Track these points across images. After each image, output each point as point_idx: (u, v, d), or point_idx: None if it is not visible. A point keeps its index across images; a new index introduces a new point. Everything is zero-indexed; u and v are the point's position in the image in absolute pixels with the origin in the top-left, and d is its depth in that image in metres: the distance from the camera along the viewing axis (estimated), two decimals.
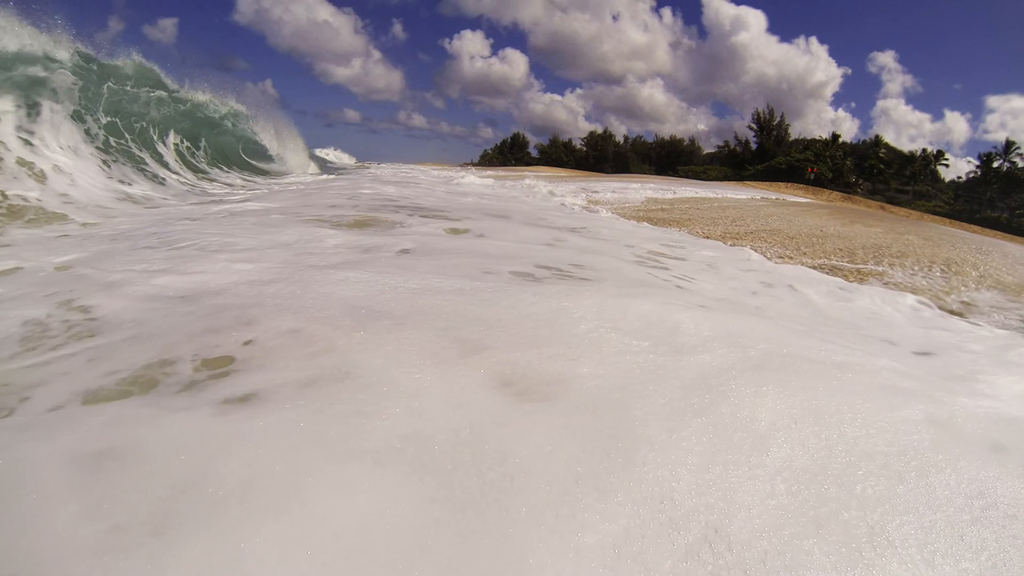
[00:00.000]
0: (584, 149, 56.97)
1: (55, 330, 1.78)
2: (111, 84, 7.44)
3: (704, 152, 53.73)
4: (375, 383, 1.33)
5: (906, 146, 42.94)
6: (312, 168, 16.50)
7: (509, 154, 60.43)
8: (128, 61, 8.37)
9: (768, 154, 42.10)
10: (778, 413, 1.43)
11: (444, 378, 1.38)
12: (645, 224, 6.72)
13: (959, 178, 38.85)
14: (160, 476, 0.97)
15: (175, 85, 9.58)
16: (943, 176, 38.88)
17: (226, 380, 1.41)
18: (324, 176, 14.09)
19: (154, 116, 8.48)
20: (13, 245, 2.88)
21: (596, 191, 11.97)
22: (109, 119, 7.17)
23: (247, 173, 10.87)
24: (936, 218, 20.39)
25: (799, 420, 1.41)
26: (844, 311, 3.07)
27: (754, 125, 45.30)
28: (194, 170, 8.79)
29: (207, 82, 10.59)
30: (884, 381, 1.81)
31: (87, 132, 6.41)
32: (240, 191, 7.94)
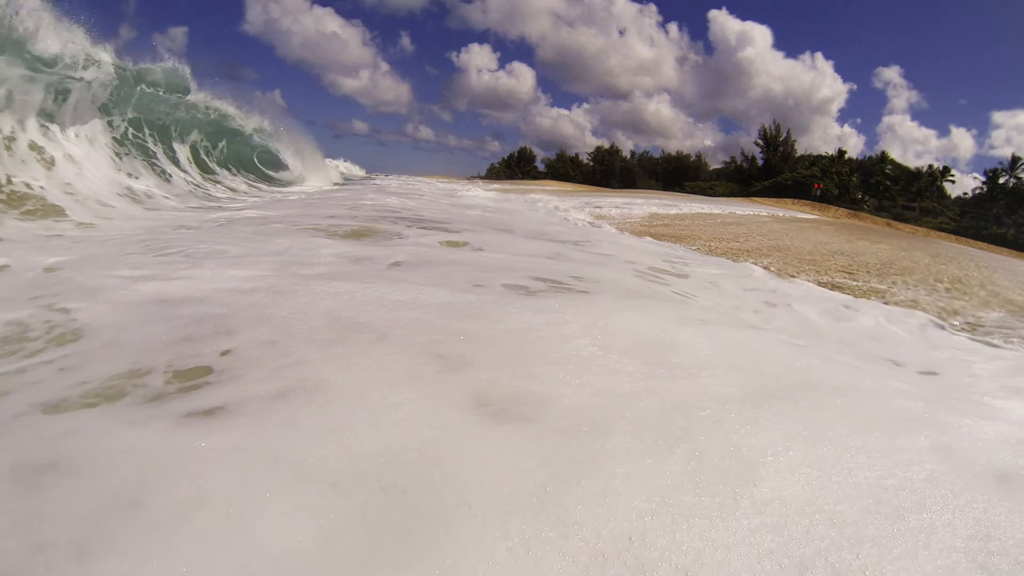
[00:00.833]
0: (591, 164, 57.23)
1: (35, 334, 1.75)
2: (144, 87, 7.61)
3: (711, 168, 53.76)
4: (345, 399, 1.28)
5: (912, 162, 42.76)
6: (329, 180, 16.44)
7: (516, 168, 60.82)
8: (159, 65, 8.49)
9: (775, 170, 42.01)
10: (770, 440, 1.36)
11: (418, 396, 1.32)
12: (648, 239, 6.66)
13: (965, 194, 38.53)
14: (99, 492, 0.92)
15: (204, 94, 9.78)
16: (949, 192, 38.59)
17: (195, 392, 1.37)
18: (330, 187, 14.15)
19: (179, 117, 8.66)
20: (6, 241, 2.88)
21: (601, 206, 11.96)
22: (135, 115, 7.33)
23: (255, 178, 10.96)
24: (942, 235, 20.17)
25: (792, 448, 1.34)
26: (848, 330, 2.98)
27: (760, 141, 45.29)
28: (204, 169, 8.91)
29: (230, 93, 10.78)
30: (887, 404, 1.73)
31: (110, 123, 6.50)
32: (243, 197, 8.00)
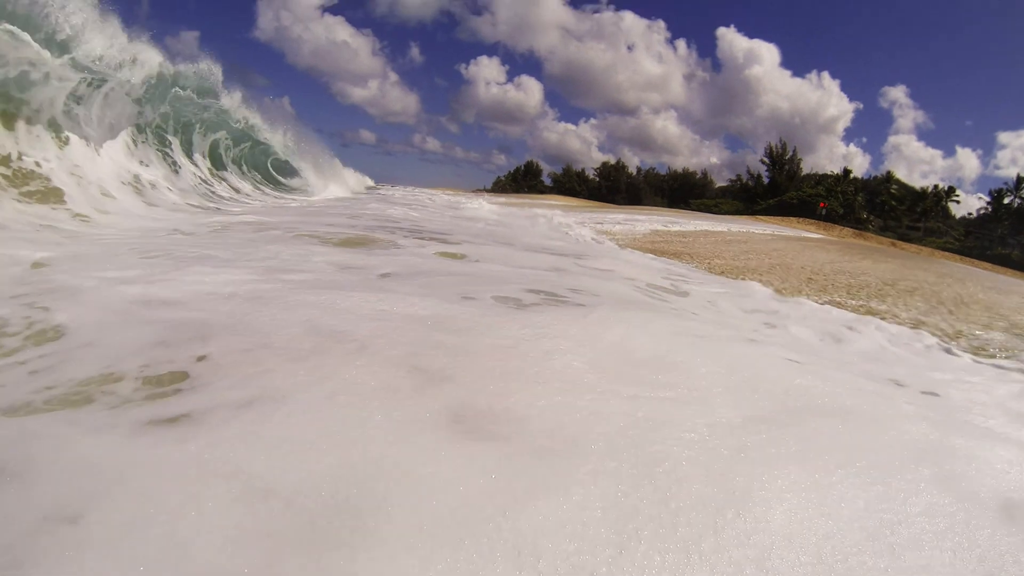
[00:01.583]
0: (597, 179, 57.45)
1: (13, 332, 1.72)
2: (178, 90, 7.82)
3: (716, 186, 53.82)
4: (313, 412, 1.23)
5: (918, 182, 42.68)
6: (349, 190, 16.31)
7: (522, 181, 61.14)
8: (193, 66, 8.66)
9: (780, 188, 41.97)
10: (757, 466, 1.29)
11: (390, 410, 1.27)
12: (649, 255, 6.61)
13: (970, 214, 38.37)
14: (40, 502, 0.88)
15: (232, 98, 10.00)
16: (954, 213, 38.48)
17: (163, 400, 1.33)
18: (351, 195, 14.13)
19: (206, 118, 8.85)
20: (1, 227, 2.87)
21: (604, 221, 11.96)
22: (166, 109, 7.55)
23: (261, 178, 11.04)
24: (947, 255, 20.01)
25: (780, 474, 1.27)
26: (849, 349, 2.91)
27: (766, 159, 45.36)
28: (216, 164, 9.02)
29: (257, 104, 11.02)
30: (885, 428, 1.65)
31: (140, 114, 6.63)
32: (245, 200, 8.03)
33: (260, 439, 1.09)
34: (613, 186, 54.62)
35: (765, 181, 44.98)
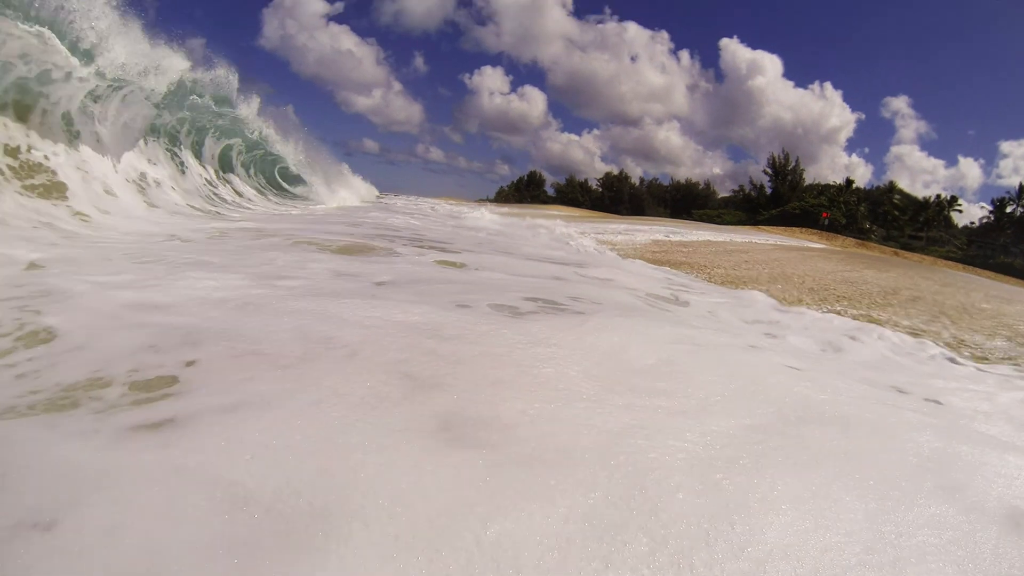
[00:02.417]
0: (600, 190, 57.62)
1: (3, 334, 1.71)
2: (195, 97, 7.96)
3: (719, 196, 53.85)
4: (298, 418, 1.21)
5: (920, 192, 42.40)
6: (359, 198, 16.14)
7: (526, 191, 61.36)
8: (210, 73, 8.80)
9: (783, 199, 41.96)
10: (753, 476, 1.26)
11: (376, 417, 1.25)
12: (650, 265, 6.59)
13: (972, 224, 38.20)
14: (14, 509, 0.87)
15: (248, 108, 10.18)
16: (956, 222, 38.35)
17: (148, 405, 1.31)
18: (361, 204, 14.05)
19: (221, 125, 9.00)
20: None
21: (606, 231, 11.96)
22: (184, 114, 7.67)
23: (267, 184, 11.10)
24: (950, 263, 19.92)
25: (777, 483, 1.24)
26: (851, 357, 2.87)
27: (769, 170, 45.39)
28: (224, 166, 9.08)
29: (272, 116, 11.18)
30: (887, 437, 1.61)
31: (157, 116, 6.72)
32: (248, 203, 8.06)
33: (242, 445, 1.07)
34: (616, 197, 54.74)
35: (768, 191, 44.99)
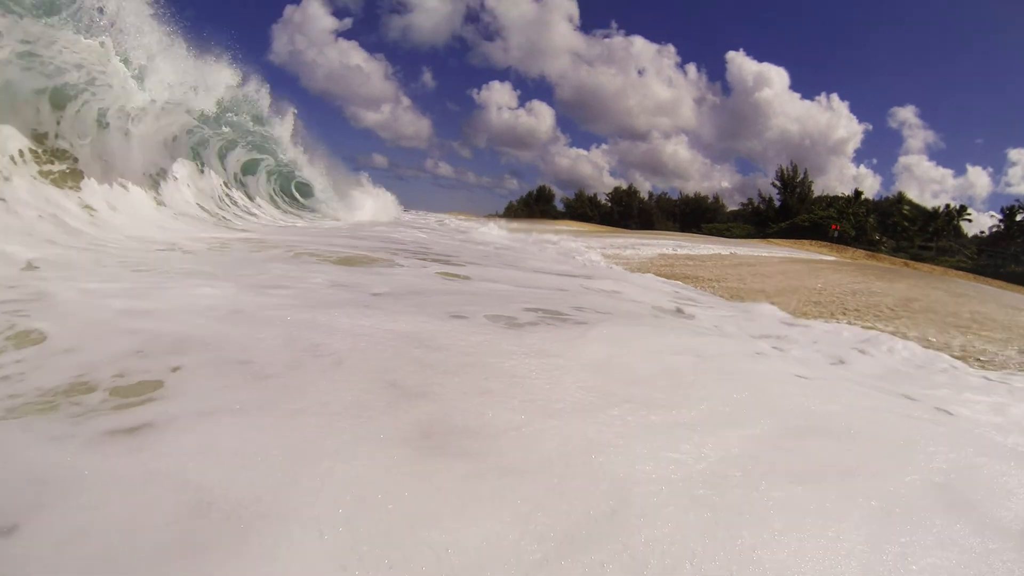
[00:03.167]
0: (609, 204, 57.73)
1: None
2: (232, 115, 8.25)
3: (728, 210, 53.63)
4: (276, 426, 1.19)
5: (929, 202, 41.81)
6: (389, 215, 15.99)
7: (535, 207, 61.65)
8: (243, 89, 9.09)
9: (791, 211, 41.64)
10: (747, 494, 1.19)
11: (356, 425, 1.22)
12: (658, 279, 6.53)
13: (982, 233, 37.53)
14: None
15: (281, 127, 10.44)
16: (966, 231, 37.75)
17: (129, 409, 1.29)
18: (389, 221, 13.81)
19: (252, 140, 9.28)
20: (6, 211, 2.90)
21: (614, 246, 11.94)
22: (225, 131, 7.98)
23: (280, 191, 11.24)
24: (960, 273, 19.53)
25: (772, 499, 1.17)
26: (862, 368, 2.78)
27: (778, 182, 45.11)
28: (245, 171, 9.27)
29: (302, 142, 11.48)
30: (895, 448, 1.53)
31: (198, 129, 6.94)
32: (259, 209, 8.15)
33: (214, 451, 1.05)
34: (625, 211, 54.78)
35: (776, 204, 44.71)
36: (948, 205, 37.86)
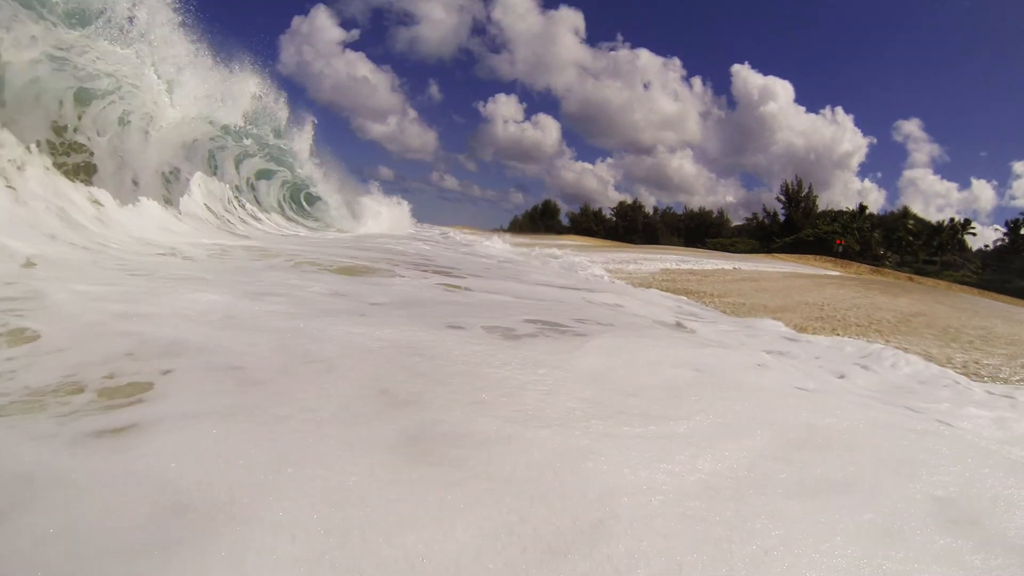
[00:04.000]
0: (614, 219, 57.87)
1: None
2: (252, 127, 8.50)
3: (732, 224, 53.56)
4: (260, 431, 1.18)
5: (934, 216, 41.50)
6: (404, 229, 15.68)
7: (540, 221, 61.89)
8: (261, 102, 9.28)
9: (796, 226, 41.51)
10: (743, 513, 1.16)
11: (343, 431, 1.20)
12: (660, 293, 6.50)
13: (987, 247, 37.21)
14: None
15: (299, 144, 10.69)
16: (970, 245, 37.42)
17: (116, 410, 1.29)
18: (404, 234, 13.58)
19: (271, 152, 9.51)
20: (14, 201, 2.92)
21: (617, 260, 11.94)
22: (246, 142, 8.24)
23: (289, 199, 11.35)
24: (965, 288, 19.33)
25: (763, 522, 1.14)
26: (864, 382, 2.73)
27: (782, 196, 45.07)
28: (258, 176, 9.37)
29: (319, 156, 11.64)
30: (897, 464, 1.49)
31: (220, 138, 7.07)
32: (266, 215, 8.22)
33: (196, 453, 1.04)
34: (630, 226, 54.87)
35: (781, 219, 44.63)
36: (953, 219, 37.68)
